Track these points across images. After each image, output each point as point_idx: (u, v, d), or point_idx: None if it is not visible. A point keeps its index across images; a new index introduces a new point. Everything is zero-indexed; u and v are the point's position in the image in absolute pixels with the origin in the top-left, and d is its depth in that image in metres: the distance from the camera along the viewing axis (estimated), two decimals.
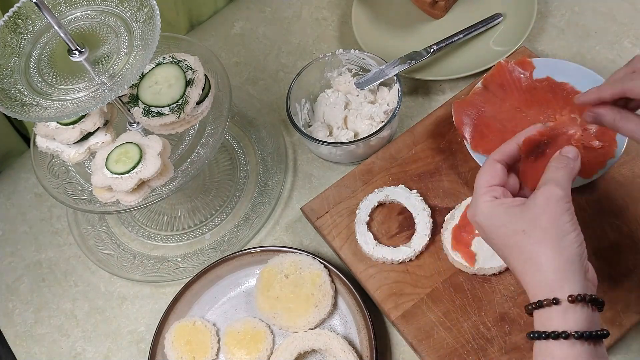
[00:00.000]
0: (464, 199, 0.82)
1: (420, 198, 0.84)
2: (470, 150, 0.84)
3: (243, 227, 0.91)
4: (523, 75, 0.87)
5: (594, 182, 0.81)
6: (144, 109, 0.76)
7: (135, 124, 0.80)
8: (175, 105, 0.76)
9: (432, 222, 0.82)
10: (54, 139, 0.77)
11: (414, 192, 0.84)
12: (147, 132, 0.80)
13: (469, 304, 0.77)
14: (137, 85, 0.78)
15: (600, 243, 0.78)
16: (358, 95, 0.93)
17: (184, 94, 0.76)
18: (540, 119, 0.83)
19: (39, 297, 0.91)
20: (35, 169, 0.82)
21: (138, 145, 0.75)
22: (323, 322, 0.80)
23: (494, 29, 0.99)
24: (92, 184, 0.76)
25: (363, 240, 0.82)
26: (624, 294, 0.75)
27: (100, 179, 0.75)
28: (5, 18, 0.73)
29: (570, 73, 0.86)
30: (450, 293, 0.78)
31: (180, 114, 0.76)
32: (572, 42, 0.98)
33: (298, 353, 0.78)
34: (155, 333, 0.82)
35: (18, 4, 0.73)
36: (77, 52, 0.69)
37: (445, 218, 0.82)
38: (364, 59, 0.92)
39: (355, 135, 0.91)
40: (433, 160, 0.87)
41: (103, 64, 0.70)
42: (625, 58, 0.95)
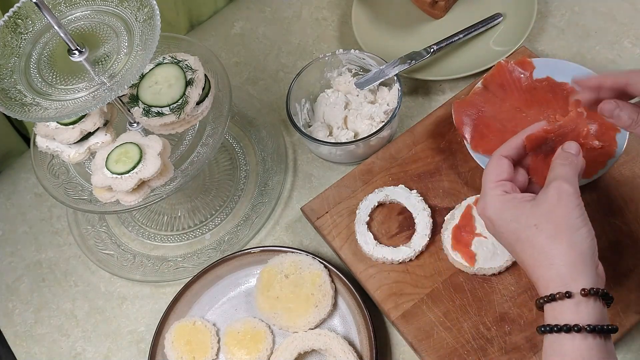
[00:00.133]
0: (464, 199, 0.82)
1: (420, 198, 0.84)
2: (470, 150, 0.84)
3: (243, 227, 0.91)
4: (523, 75, 0.87)
5: (594, 182, 0.81)
6: (144, 109, 0.76)
7: (135, 124, 0.80)
8: (175, 105, 0.76)
9: (432, 222, 0.82)
10: (54, 139, 0.77)
11: (414, 192, 0.84)
12: (147, 132, 0.79)
13: (469, 304, 0.77)
14: (137, 85, 0.78)
15: (600, 243, 0.77)
16: (358, 95, 0.93)
17: (184, 94, 0.76)
18: (540, 119, 0.83)
19: (39, 297, 0.91)
20: (35, 169, 0.82)
21: (138, 145, 0.75)
22: (323, 322, 0.80)
23: (494, 29, 0.99)
24: (92, 184, 0.76)
25: (363, 240, 0.82)
26: (624, 294, 0.75)
27: (100, 179, 0.75)
28: (5, 18, 0.73)
29: (570, 73, 0.85)
30: (450, 293, 0.78)
31: (180, 114, 0.76)
32: (572, 42, 0.98)
33: (298, 353, 0.78)
34: (155, 333, 0.82)
35: (18, 4, 0.73)
36: (77, 52, 0.69)
37: (445, 218, 0.82)
38: (364, 59, 0.92)
39: (355, 135, 0.91)
40: (433, 160, 0.87)
41: (103, 64, 0.70)
42: (625, 58, 0.95)
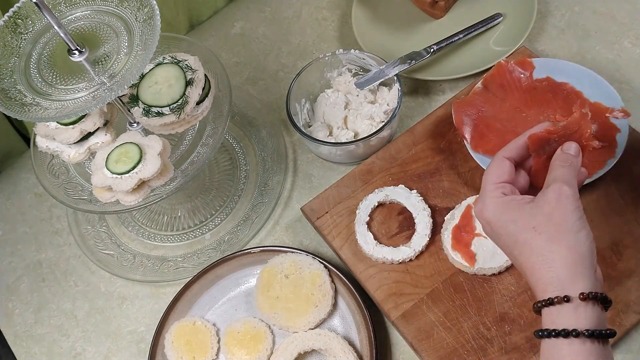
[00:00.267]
0: (464, 199, 0.82)
1: (420, 198, 0.84)
2: (470, 150, 0.84)
3: (243, 227, 0.91)
4: (523, 75, 0.87)
5: (594, 182, 0.81)
6: (144, 109, 0.76)
7: (135, 124, 0.80)
8: (175, 105, 0.76)
9: (432, 222, 0.82)
10: (54, 139, 0.77)
11: (414, 192, 0.84)
12: (147, 132, 0.79)
13: (469, 304, 0.77)
14: (137, 85, 0.78)
15: (600, 243, 0.78)
16: (358, 95, 0.93)
17: (184, 94, 0.76)
18: (540, 119, 0.83)
19: (39, 297, 0.91)
20: (35, 169, 0.82)
21: (138, 145, 0.75)
22: (323, 322, 0.80)
23: (494, 29, 0.99)
24: (92, 184, 0.76)
25: (363, 240, 0.82)
26: (624, 294, 0.75)
27: (100, 179, 0.74)
28: (5, 18, 0.73)
29: (570, 73, 0.86)
30: (450, 293, 0.78)
31: (180, 114, 0.76)
32: (572, 42, 0.98)
33: (298, 353, 0.78)
34: (155, 333, 0.82)
35: (18, 4, 0.73)
36: (77, 52, 0.69)
37: (445, 218, 0.82)
38: (364, 59, 0.92)
39: (355, 135, 0.91)
40: (433, 160, 0.87)
41: (103, 64, 0.70)
42: (625, 58, 0.95)
